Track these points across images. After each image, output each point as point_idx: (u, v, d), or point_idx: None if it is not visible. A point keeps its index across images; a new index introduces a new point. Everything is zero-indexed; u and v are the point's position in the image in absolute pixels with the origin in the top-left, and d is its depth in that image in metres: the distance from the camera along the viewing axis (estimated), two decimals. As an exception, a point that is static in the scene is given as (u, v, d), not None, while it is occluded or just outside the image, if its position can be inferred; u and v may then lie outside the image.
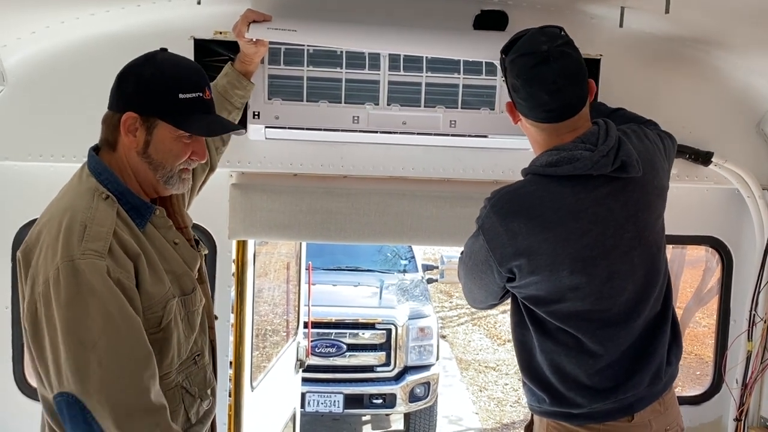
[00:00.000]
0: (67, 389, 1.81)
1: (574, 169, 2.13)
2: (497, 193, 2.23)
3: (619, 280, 2.21)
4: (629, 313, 2.25)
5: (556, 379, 2.27)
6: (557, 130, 2.18)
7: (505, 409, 9.26)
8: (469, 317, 13.70)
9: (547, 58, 2.10)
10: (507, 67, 2.19)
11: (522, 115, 2.23)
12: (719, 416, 3.42)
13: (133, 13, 2.64)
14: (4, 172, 2.89)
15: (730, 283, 3.36)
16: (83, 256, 1.83)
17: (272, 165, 2.98)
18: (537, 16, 2.85)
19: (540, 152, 2.22)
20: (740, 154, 3.09)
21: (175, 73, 2.02)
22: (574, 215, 2.15)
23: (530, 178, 2.22)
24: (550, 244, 2.14)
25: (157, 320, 1.98)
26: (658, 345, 2.31)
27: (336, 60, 2.72)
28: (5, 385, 3.02)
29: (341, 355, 7.31)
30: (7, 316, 2.97)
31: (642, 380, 2.27)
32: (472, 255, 2.29)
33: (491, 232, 2.18)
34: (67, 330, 1.81)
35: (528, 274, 2.18)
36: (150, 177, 2.04)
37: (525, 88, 2.14)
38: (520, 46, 2.17)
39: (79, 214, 1.90)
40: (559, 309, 2.22)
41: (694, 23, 2.60)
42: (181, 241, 2.15)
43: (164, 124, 1.98)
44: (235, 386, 3.61)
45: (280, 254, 5.51)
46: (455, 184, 3.10)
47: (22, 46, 2.65)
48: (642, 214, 2.24)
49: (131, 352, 1.86)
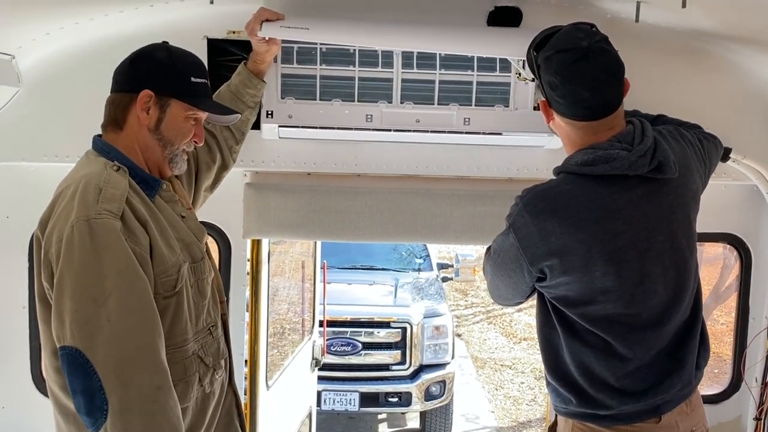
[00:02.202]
0: (71, 343, 1.85)
1: (610, 168, 2.09)
2: (530, 191, 2.19)
3: (650, 283, 2.18)
4: (660, 317, 2.22)
5: (584, 380, 2.24)
6: (594, 128, 2.14)
7: (521, 407, 9.22)
8: (485, 315, 13.67)
9: (587, 54, 2.07)
10: (541, 65, 2.15)
11: (558, 113, 2.18)
12: (738, 415, 3.38)
13: (146, 13, 2.65)
14: (20, 173, 2.92)
15: (749, 281, 3.32)
16: (99, 216, 1.90)
17: (286, 164, 2.98)
18: (551, 11, 2.83)
19: (573, 151, 2.19)
20: (759, 150, 3.05)
21: (186, 58, 2.18)
22: (609, 216, 2.11)
23: (564, 176, 2.18)
24: (584, 244, 2.11)
25: (172, 283, 2.04)
26: (688, 350, 2.28)
27: (349, 58, 2.71)
28: (23, 384, 3.05)
29: (357, 354, 7.32)
30: (25, 316, 3.00)
31: (673, 385, 2.25)
32: (501, 253, 2.26)
33: (523, 230, 2.15)
34: (78, 286, 1.86)
35: (560, 274, 2.14)
36: (158, 153, 2.14)
37: (564, 85, 2.10)
38: (556, 43, 2.12)
39: (94, 179, 1.98)
40: (589, 311, 2.18)
41: (711, 17, 2.56)
42: (188, 214, 2.24)
43: (177, 104, 2.12)
44: (251, 385, 3.61)
45: (295, 253, 5.52)
46: (469, 182, 3.08)
47: (37, 47, 2.67)
48: (675, 217, 2.21)
49: (140, 312, 1.91)
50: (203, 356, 2.16)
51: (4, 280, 2.98)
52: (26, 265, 2.97)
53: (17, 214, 2.96)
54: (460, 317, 13.18)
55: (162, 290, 2.00)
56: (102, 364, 1.83)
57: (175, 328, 2.03)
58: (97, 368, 1.83)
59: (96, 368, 1.83)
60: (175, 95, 2.11)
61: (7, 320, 3.00)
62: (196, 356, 2.13)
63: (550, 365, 2.32)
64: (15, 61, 2.64)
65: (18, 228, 2.95)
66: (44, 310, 1.99)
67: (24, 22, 2.49)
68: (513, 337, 12.21)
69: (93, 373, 1.83)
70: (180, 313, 2.07)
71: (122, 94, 2.12)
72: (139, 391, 1.86)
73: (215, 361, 2.22)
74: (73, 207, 1.92)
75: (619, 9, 2.77)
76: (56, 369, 2.00)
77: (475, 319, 13.39)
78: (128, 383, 1.85)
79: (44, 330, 2.02)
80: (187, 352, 2.09)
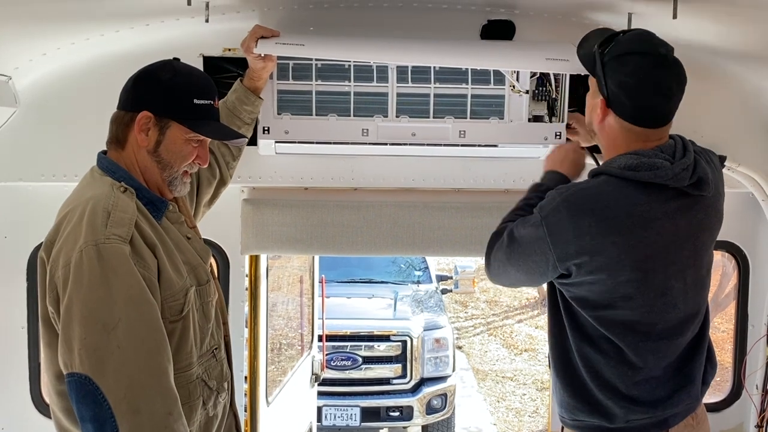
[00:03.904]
0: (79, 370, 1.83)
1: (654, 176, 2.10)
2: (569, 189, 2.18)
3: (671, 296, 2.19)
4: (674, 331, 2.22)
5: (594, 385, 2.22)
6: (647, 135, 2.15)
7: (523, 419, 9.19)
8: (485, 327, 13.64)
9: (665, 61, 2.10)
10: (611, 63, 2.12)
11: (618, 113, 2.15)
12: (740, 423, 3.38)
13: (142, 32, 2.67)
14: (17, 193, 2.92)
15: (747, 288, 3.32)
16: (107, 241, 1.88)
17: (283, 179, 2.99)
18: (545, 24, 2.86)
19: (612, 155, 2.18)
20: (754, 158, 3.07)
21: (191, 79, 2.12)
22: (644, 224, 2.11)
23: (606, 178, 2.15)
24: (616, 248, 2.10)
25: (179, 308, 2.03)
26: (696, 366, 2.29)
27: (344, 73, 2.73)
28: (23, 404, 3.04)
29: (357, 368, 7.30)
30: (24, 337, 2.99)
31: (681, 399, 2.25)
32: (525, 243, 2.20)
33: (557, 226, 2.12)
34: (87, 312, 1.84)
35: (586, 273, 2.13)
36: (156, 176, 2.11)
37: (638, 88, 2.10)
38: (631, 45, 2.12)
39: (102, 202, 1.95)
40: (606, 315, 2.17)
41: (701, 28, 2.59)
42: (194, 236, 2.23)
43: (177, 126, 2.07)
44: (251, 401, 3.60)
45: (294, 268, 5.52)
46: (466, 194, 3.09)
47: (35, 67, 2.68)
48: (702, 235, 2.22)
49: (150, 338, 1.90)
50: (207, 380, 2.14)
51: (3, 301, 2.98)
52: (25, 285, 2.97)
53: (15, 234, 2.96)
54: (460, 329, 13.15)
55: (169, 314, 1.99)
56: (112, 391, 1.81)
57: (180, 352, 2.02)
58: (107, 395, 1.81)
59: (106, 395, 1.81)
60: (175, 118, 2.07)
61: (6, 341, 3.00)
62: (200, 380, 2.11)
63: (560, 370, 2.30)
64: (12, 81, 2.66)
65: (16, 248, 2.96)
66: (47, 332, 1.98)
67: (20, 43, 2.51)
68: (514, 348, 12.18)
69: (103, 400, 1.81)
70: (186, 337, 2.06)
71: (124, 113, 2.10)
72: (151, 419, 1.85)
73: (219, 384, 2.20)
74: (81, 231, 1.89)
75: (611, 20, 2.79)
76: (59, 392, 1.99)
77: (476, 331, 13.36)
78: (139, 410, 1.83)
79: (47, 353, 2.01)
80: (192, 377, 2.08)
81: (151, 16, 2.61)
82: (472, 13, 2.83)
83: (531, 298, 15.89)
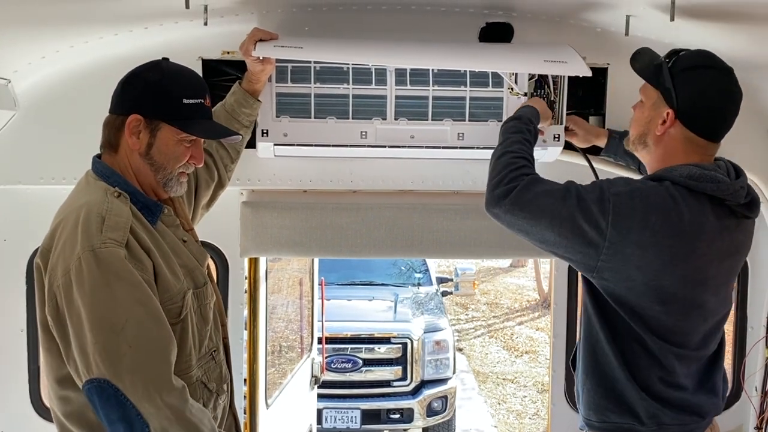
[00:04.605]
0: (97, 375, 1.85)
1: (716, 189, 2.12)
2: (638, 181, 2.19)
3: (704, 309, 2.20)
4: (702, 344, 2.24)
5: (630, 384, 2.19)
6: (706, 149, 2.20)
7: (524, 421, 9.18)
8: (486, 329, 13.64)
9: (733, 77, 2.18)
10: (683, 74, 2.16)
11: (686, 124, 2.16)
12: (739, 425, 3.37)
13: (141, 35, 2.68)
14: (16, 196, 2.93)
15: (747, 290, 3.32)
16: (104, 245, 1.89)
17: (282, 182, 2.99)
18: (543, 27, 2.86)
19: (665, 165, 2.19)
20: (752, 161, 3.06)
21: (180, 79, 2.11)
22: (699, 235, 2.13)
23: (669, 184, 2.15)
24: (670, 251, 2.10)
25: (177, 311, 2.04)
26: (717, 379, 2.31)
27: (342, 76, 2.73)
28: (22, 407, 3.04)
29: (357, 371, 7.30)
30: (23, 339, 2.99)
31: (707, 412, 2.27)
32: (581, 210, 2.10)
33: (625, 208, 2.09)
34: (94, 317, 1.85)
35: (632, 267, 2.11)
36: (150, 178, 2.10)
37: (716, 101, 2.16)
38: (701, 59, 2.18)
39: (95, 207, 1.96)
40: (642, 315, 2.16)
41: (699, 31, 2.59)
42: (189, 238, 2.23)
43: (168, 127, 2.06)
44: (250, 404, 3.60)
45: (293, 270, 5.52)
46: (465, 197, 3.09)
47: (33, 70, 2.69)
48: (738, 256, 2.26)
49: (157, 333, 1.92)
50: (206, 382, 2.15)
51: (2, 304, 2.98)
52: (24, 288, 2.97)
53: (14, 237, 2.96)
54: (460, 331, 13.15)
55: (167, 317, 1.98)
56: (131, 390, 1.84)
57: (179, 355, 2.02)
58: (127, 395, 1.84)
59: (127, 395, 1.84)
60: (165, 119, 2.06)
61: (6, 344, 3.00)
62: (199, 382, 2.12)
63: (590, 369, 2.28)
64: (11, 85, 2.66)
65: (15, 251, 2.96)
66: (46, 338, 1.98)
67: (20, 46, 2.51)
68: (514, 350, 12.18)
69: (126, 400, 1.84)
70: (185, 340, 2.06)
71: (115, 117, 2.10)
72: (173, 411, 1.88)
73: (218, 386, 2.21)
74: (77, 238, 1.90)
75: (609, 22, 2.80)
76: (60, 398, 1.99)
77: (476, 333, 13.37)
78: (161, 405, 1.87)
79: (47, 358, 2.01)
80: (191, 379, 2.08)
81: (150, 19, 2.62)
82: (471, 15, 2.84)
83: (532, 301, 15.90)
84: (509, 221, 2.22)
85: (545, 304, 14.21)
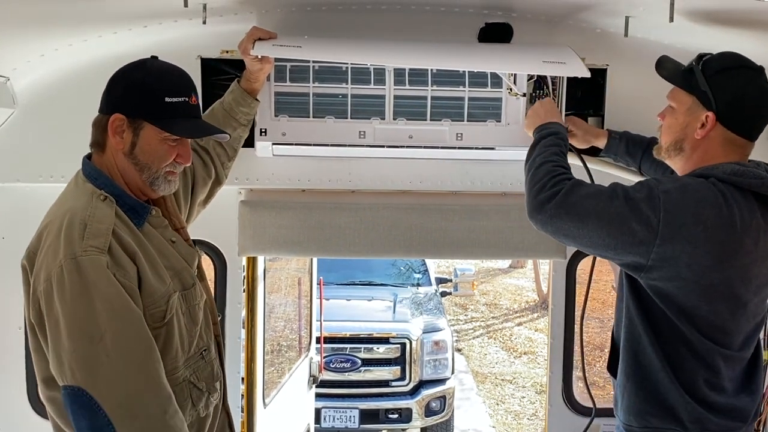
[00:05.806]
0: (72, 382, 1.85)
1: (761, 185, 2.11)
2: (686, 178, 2.16)
3: (748, 309, 2.18)
4: (743, 345, 2.22)
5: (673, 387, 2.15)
6: (746, 149, 2.21)
7: (522, 422, 9.18)
8: (485, 330, 13.64)
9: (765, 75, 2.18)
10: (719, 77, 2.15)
11: (728, 125, 2.16)
12: (737, 427, 3.37)
13: (140, 34, 2.67)
14: (15, 194, 2.93)
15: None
16: (85, 253, 1.88)
17: (280, 181, 2.99)
18: (542, 27, 2.86)
19: (702, 165, 2.18)
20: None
21: (164, 77, 2.09)
22: (747, 231, 2.10)
23: (715, 180, 2.12)
24: (722, 248, 2.07)
25: (161, 315, 2.03)
26: (757, 382, 2.29)
27: (341, 75, 2.73)
28: (20, 404, 3.04)
29: (356, 370, 7.31)
30: (21, 337, 2.99)
31: (748, 415, 2.25)
32: (630, 208, 2.07)
33: (677, 207, 2.05)
34: (73, 325, 1.85)
35: (682, 265, 2.07)
36: (136, 178, 2.09)
37: (755, 100, 2.16)
38: (732, 61, 2.18)
39: (79, 213, 1.96)
40: (690, 315, 2.13)
41: (698, 32, 2.59)
42: (178, 239, 2.21)
43: (150, 126, 2.05)
44: (248, 403, 3.60)
45: (291, 270, 5.52)
46: (463, 197, 3.09)
47: (32, 68, 2.69)
48: None
49: (136, 343, 1.91)
50: (195, 381, 2.14)
51: (0, 302, 2.98)
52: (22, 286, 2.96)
53: (12, 235, 2.96)
54: (459, 332, 13.15)
55: (151, 321, 1.98)
56: (106, 399, 1.84)
57: (165, 357, 2.01)
58: (102, 405, 1.83)
59: (102, 405, 1.83)
60: (147, 118, 2.03)
61: (3, 341, 3.00)
62: (187, 382, 2.11)
63: (632, 372, 2.22)
64: (10, 82, 2.66)
65: (13, 249, 2.94)
66: (34, 339, 1.99)
67: (19, 44, 2.51)
68: (513, 351, 12.18)
69: (98, 409, 1.83)
70: (170, 342, 2.05)
71: (101, 116, 2.09)
72: (148, 421, 1.88)
73: (209, 385, 2.20)
74: (59, 245, 1.90)
75: (608, 23, 2.80)
76: (48, 398, 2.01)
77: (475, 334, 13.36)
78: (137, 415, 1.86)
79: (34, 358, 2.02)
80: (178, 380, 2.07)
81: (149, 18, 2.61)
82: (470, 15, 2.84)
83: (531, 301, 15.90)
84: (555, 227, 2.14)
85: (544, 305, 14.21)
